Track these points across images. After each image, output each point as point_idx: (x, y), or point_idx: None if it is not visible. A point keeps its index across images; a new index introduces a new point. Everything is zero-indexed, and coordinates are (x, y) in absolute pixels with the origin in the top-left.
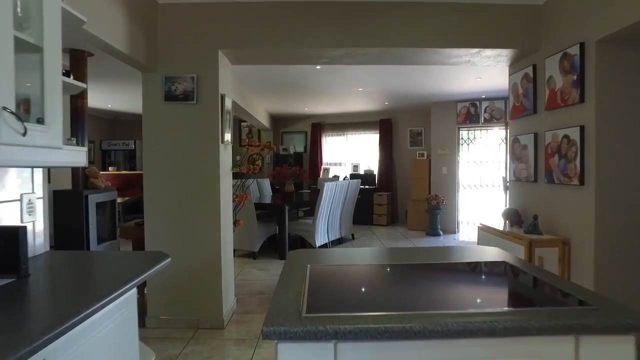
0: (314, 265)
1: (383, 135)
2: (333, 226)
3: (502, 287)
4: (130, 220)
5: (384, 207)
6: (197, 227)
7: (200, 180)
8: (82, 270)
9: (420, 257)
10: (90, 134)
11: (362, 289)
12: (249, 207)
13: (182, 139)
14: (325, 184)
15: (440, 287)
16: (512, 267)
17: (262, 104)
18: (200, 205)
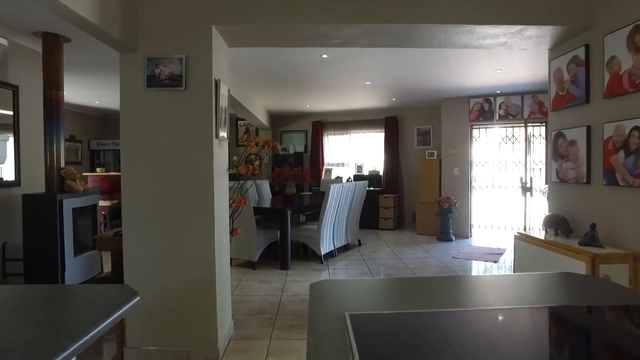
0: (354, 314)
1: (388, 133)
2: (339, 232)
3: None
4: (118, 226)
5: (390, 210)
6: (187, 238)
7: (190, 183)
8: None
9: (503, 292)
10: (78, 133)
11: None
12: (248, 212)
13: (168, 133)
14: (331, 186)
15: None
16: None
17: (260, 100)
18: (191, 212)
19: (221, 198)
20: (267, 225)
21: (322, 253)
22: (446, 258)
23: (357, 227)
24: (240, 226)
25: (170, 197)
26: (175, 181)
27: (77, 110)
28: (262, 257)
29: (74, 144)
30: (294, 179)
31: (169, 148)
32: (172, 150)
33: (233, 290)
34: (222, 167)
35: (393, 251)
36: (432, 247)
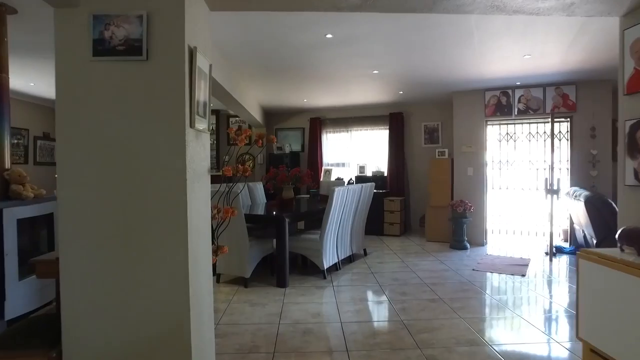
0: None
1: (393, 131)
2: (343, 241)
3: None
4: None
5: (396, 214)
6: (149, 270)
7: (153, 190)
8: None
9: None
10: (33, 126)
11: None
12: (239, 221)
13: (123, 120)
14: (335, 190)
15: None
16: None
17: (253, 93)
18: (154, 231)
19: (199, 209)
20: (261, 234)
21: (324, 267)
22: (465, 270)
23: (362, 235)
24: (230, 237)
25: (125, 209)
26: (132, 188)
27: (32, 102)
28: (256, 271)
29: (49, 143)
30: (292, 181)
31: (124, 141)
32: (128, 145)
33: (219, 318)
34: (200, 168)
35: (404, 262)
36: (445, 257)
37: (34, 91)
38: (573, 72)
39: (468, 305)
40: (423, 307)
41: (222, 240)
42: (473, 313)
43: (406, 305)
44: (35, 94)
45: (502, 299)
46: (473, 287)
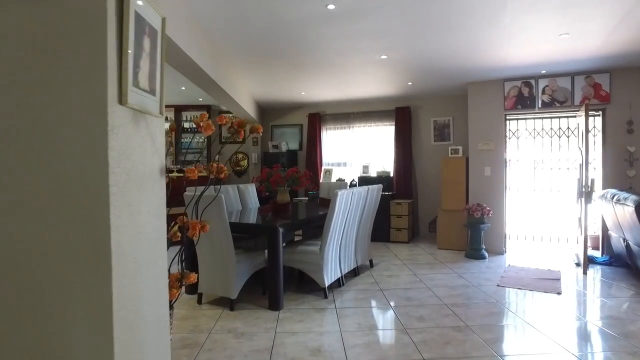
0: None
1: (400, 127)
2: (347, 253)
3: None
4: None
5: (404, 219)
6: (42, 323)
7: (51, 199)
8: None
9: None
10: None
11: None
12: (222, 232)
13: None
14: (338, 193)
15: None
16: None
17: (245, 84)
18: (52, 263)
19: (142, 228)
20: (251, 246)
21: (326, 284)
22: (488, 286)
23: (368, 244)
24: (213, 251)
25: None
26: (17, 196)
27: None
28: (245, 288)
29: None
30: (288, 182)
31: (4, 126)
32: (11, 130)
33: (195, 356)
34: (144, 169)
35: (416, 275)
36: (462, 268)
37: None
38: (609, 57)
39: (504, 336)
40: (448, 339)
41: (203, 255)
42: (513, 349)
43: (426, 336)
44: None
45: (546, 328)
46: (503, 310)
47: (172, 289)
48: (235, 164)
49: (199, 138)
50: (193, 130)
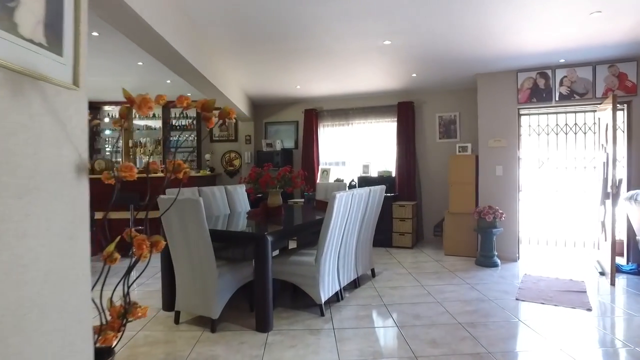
0: None
1: (403, 123)
2: (346, 263)
3: None
4: None
5: (407, 223)
6: None
7: None
8: None
9: None
10: None
11: None
12: (200, 240)
13: None
14: (336, 196)
15: None
16: None
17: (235, 77)
18: None
19: (28, 268)
20: (238, 256)
21: (322, 300)
22: (506, 300)
23: (370, 252)
24: (191, 263)
25: None
26: None
27: None
28: (231, 303)
29: None
30: (280, 183)
31: None
32: None
33: None
34: (33, 164)
35: (423, 286)
36: (474, 278)
37: None
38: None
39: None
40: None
41: (180, 267)
42: None
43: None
44: None
45: (584, 355)
46: (527, 331)
47: (109, 332)
48: (228, 163)
49: (189, 135)
50: (182, 127)
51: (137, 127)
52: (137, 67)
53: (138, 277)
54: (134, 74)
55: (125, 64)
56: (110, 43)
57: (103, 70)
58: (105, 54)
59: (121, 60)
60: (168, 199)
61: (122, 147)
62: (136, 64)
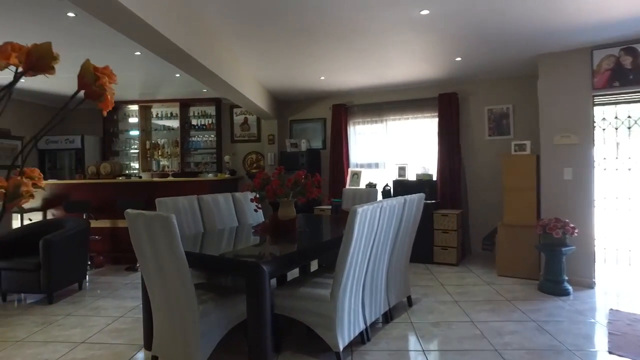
0: None
1: (445, 119)
2: (374, 293)
3: None
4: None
5: (451, 235)
6: None
7: None
8: None
9: None
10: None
11: None
12: (174, 271)
13: None
14: (358, 212)
15: None
16: None
17: (247, 68)
18: None
19: None
20: (227, 290)
21: (340, 347)
22: (594, 354)
23: (405, 276)
24: (168, 298)
25: None
26: None
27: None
28: (223, 345)
29: (10, 142)
30: (292, 191)
31: None
32: None
33: None
34: None
35: (474, 324)
36: (540, 312)
37: None
38: None
39: None
40: None
41: (155, 302)
42: None
43: None
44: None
45: None
46: None
47: None
48: (250, 165)
49: (209, 136)
50: (202, 127)
51: (155, 127)
52: (137, 59)
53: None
54: (137, 67)
55: (122, 54)
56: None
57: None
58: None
59: (117, 50)
60: (137, 214)
61: (139, 148)
62: (133, 54)
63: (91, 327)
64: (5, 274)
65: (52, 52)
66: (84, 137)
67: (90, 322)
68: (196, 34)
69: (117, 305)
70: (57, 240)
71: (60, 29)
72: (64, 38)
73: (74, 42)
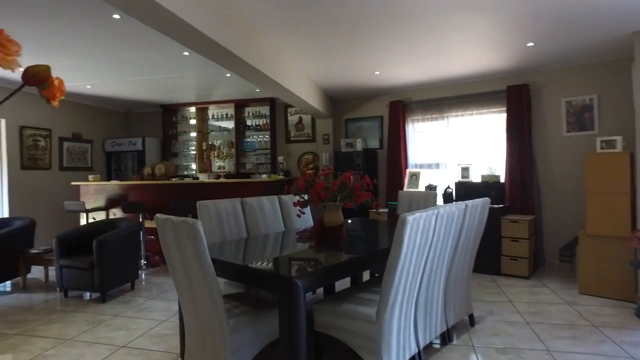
0: None
1: (514, 114)
2: (430, 313)
3: None
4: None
5: (522, 244)
6: None
7: None
8: None
9: None
10: (87, 131)
11: None
12: (202, 283)
13: None
14: (408, 221)
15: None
16: None
17: (296, 64)
18: None
19: None
20: (264, 302)
21: None
22: None
23: (467, 291)
24: (196, 310)
25: None
26: None
27: (85, 103)
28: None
29: (80, 145)
30: (339, 195)
31: None
32: None
33: None
34: None
35: (551, 354)
36: (639, 345)
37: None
38: None
39: None
40: None
41: (186, 312)
42: None
43: None
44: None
45: None
46: None
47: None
48: (305, 166)
49: (263, 137)
50: (256, 127)
51: (212, 129)
52: (186, 59)
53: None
54: (187, 67)
55: (170, 55)
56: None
57: (157, 67)
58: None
59: (164, 50)
60: (165, 219)
61: (196, 150)
62: (182, 55)
63: (134, 330)
64: (66, 271)
65: (48, 73)
66: (145, 139)
67: (134, 325)
68: (237, 30)
69: (163, 308)
70: (109, 241)
71: (107, 30)
72: (110, 38)
73: (119, 44)
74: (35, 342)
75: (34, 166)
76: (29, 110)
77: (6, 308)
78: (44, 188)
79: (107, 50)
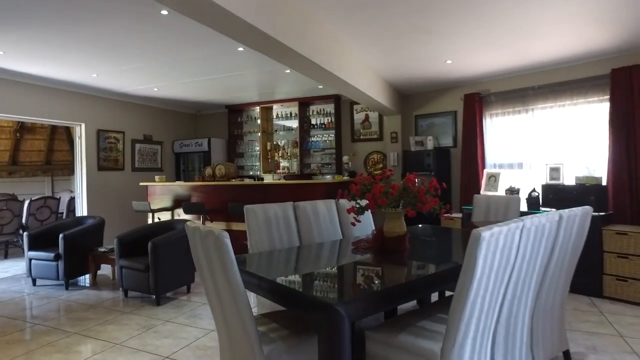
0: None
1: (621, 103)
2: (511, 350)
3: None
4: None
5: (634, 262)
6: None
7: None
8: None
9: None
10: (157, 132)
11: None
12: (232, 305)
13: None
14: (483, 239)
15: None
16: None
17: (361, 56)
18: None
19: None
20: (308, 325)
21: None
22: None
23: (561, 322)
24: (229, 333)
25: None
26: None
27: (155, 105)
28: None
29: (151, 146)
30: (402, 201)
31: None
32: None
33: None
34: None
35: None
36: None
37: (128, 89)
38: None
39: None
40: None
41: (219, 330)
42: None
43: None
44: (130, 92)
45: None
46: None
47: None
48: (372, 166)
49: (328, 136)
50: (321, 126)
51: (276, 128)
52: (241, 55)
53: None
54: (244, 64)
55: (223, 51)
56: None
57: (215, 66)
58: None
59: (216, 46)
60: (194, 228)
61: (260, 150)
62: (236, 50)
63: (181, 340)
64: (125, 271)
65: None
66: (211, 139)
67: (182, 333)
68: (285, 17)
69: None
70: (163, 244)
71: (156, 26)
72: (164, 38)
73: (173, 43)
74: (88, 343)
75: (109, 167)
76: (105, 113)
77: (74, 304)
78: (117, 188)
79: (165, 50)
